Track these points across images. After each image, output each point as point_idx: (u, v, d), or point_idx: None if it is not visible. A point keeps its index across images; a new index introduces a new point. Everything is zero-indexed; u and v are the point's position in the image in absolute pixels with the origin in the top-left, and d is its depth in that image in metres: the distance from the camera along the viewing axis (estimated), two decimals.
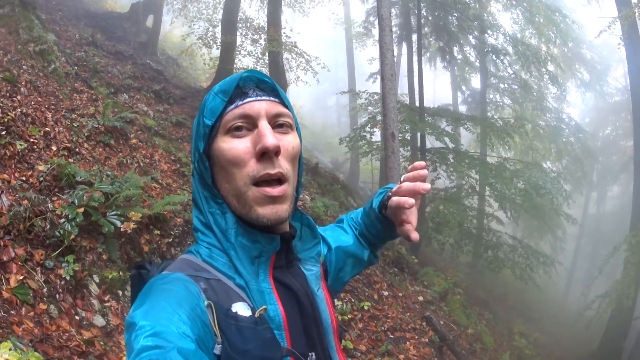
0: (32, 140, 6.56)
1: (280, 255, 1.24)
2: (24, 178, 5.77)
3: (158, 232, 7.34)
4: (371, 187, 25.77)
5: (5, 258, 4.50)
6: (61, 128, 7.81)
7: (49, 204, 5.60)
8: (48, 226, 5.17)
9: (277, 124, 1.21)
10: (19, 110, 6.85)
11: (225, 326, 1.07)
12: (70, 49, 13.86)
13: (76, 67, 12.45)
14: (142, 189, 7.85)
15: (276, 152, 1.16)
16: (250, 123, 1.18)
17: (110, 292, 5.57)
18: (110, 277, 5.65)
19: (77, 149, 7.61)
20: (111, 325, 5.07)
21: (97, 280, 5.51)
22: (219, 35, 18.17)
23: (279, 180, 1.17)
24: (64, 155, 7.05)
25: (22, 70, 8.46)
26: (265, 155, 1.14)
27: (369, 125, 16.89)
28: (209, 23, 19.40)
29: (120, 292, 5.74)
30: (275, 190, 1.16)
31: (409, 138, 16.85)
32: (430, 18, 18.06)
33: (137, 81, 15.17)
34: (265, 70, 18.01)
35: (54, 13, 17.48)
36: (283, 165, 1.18)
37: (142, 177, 8.14)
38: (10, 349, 3.21)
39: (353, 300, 8.17)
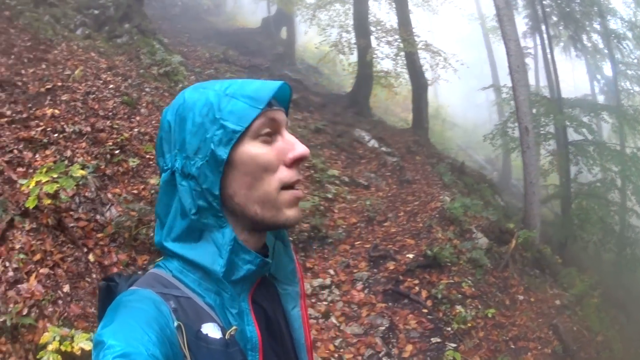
0: (147, 156, 7.18)
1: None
2: (135, 191, 6.35)
3: None
4: (523, 184, 24.82)
5: (106, 262, 5.07)
6: None
7: None
8: (152, 234, 5.69)
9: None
10: (136, 130, 7.53)
11: (195, 348, 1.05)
12: (199, 67, 14.69)
13: None
14: None
15: None
16: (274, 130, 1.17)
17: None
18: None
19: None
20: None
21: None
22: (354, 41, 18.28)
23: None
24: None
25: (143, 93, 9.20)
26: (295, 162, 1.17)
27: (511, 120, 16.30)
28: (342, 29, 19.35)
29: None
30: (301, 192, 1.20)
31: (552, 132, 16.14)
32: (554, 6, 17.19)
33: None
34: (404, 71, 18.16)
35: (181, 36, 18.55)
36: None
37: None
38: (88, 339, 3.64)
39: (479, 307, 7.62)
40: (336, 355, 5.97)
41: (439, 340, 6.59)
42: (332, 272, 7.81)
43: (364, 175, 12.34)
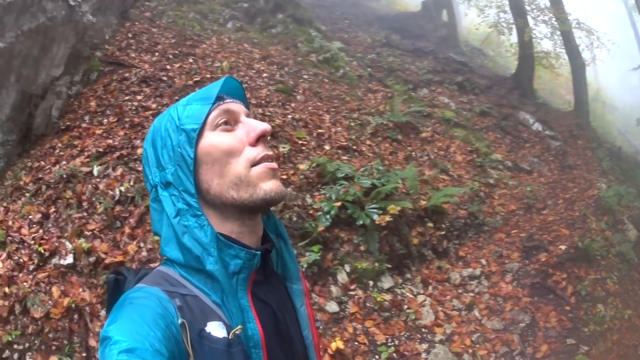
0: (300, 142, 7.25)
1: (258, 270, 1.22)
2: (284, 176, 6.43)
3: (431, 224, 7.44)
4: None
5: None
6: (339, 128, 8.42)
7: (308, 199, 6.19)
8: (295, 218, 5.74)
9: None
10: (289, 116, 7.62)
11: (199, 346, 1.07)
12: (361, 52, 14.76)
13: (369, 69, 13.23)
14: (424, 181, 8.09)
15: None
16: (232, 119, 1.23)
17: (359, 281, 5.93)
18: (360, 267, 5.99)
19: (354, 147, 8.11)
20: (345, 313, 5.41)
21: (348, 270, 5.88)
22: (512, 21, 17.86)
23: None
24: (337, 153, 7.59)
25: (301, 80, 9.35)
26: (259, 140, 1.22)
27: None
28: (500, 9, 19.10)
29: (371, 282, 6.06)
30: (274, 163, 1.23)
31: None
32: None
33: (438, 75, 15.53)
34: (562, 51, 17.47)
35: (340, 22, 18.71)
36: None
37: (432, 170, 8.45)
38: None
39: (619, 306, 6.97)
40: (470, 350, 5.74)
41: (574, 341, 6.10)
42: (483, 261, 7.56)
43: (527, 159, 11.96)
